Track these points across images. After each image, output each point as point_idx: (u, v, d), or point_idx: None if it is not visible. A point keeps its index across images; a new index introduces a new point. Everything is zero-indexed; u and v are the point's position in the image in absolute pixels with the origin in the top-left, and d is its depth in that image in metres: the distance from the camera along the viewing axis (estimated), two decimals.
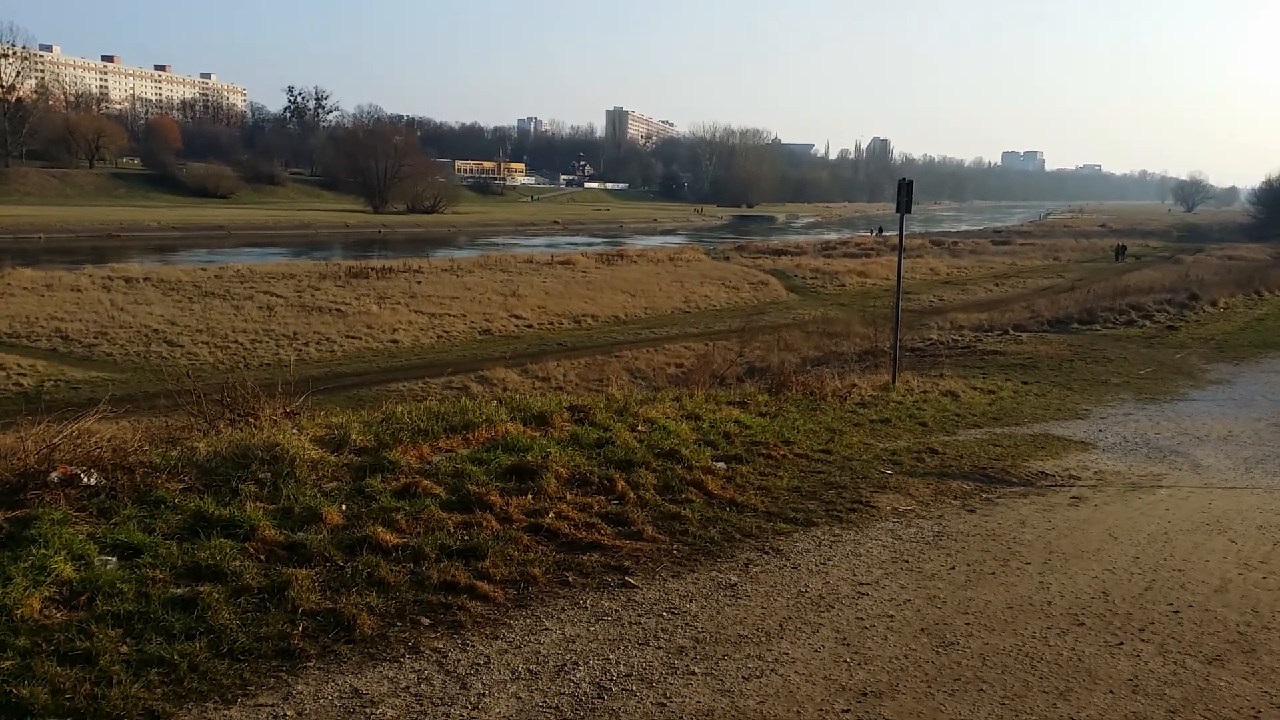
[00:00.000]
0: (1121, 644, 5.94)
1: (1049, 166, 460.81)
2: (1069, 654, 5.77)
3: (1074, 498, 9.51)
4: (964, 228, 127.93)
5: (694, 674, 5.26)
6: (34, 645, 4.76)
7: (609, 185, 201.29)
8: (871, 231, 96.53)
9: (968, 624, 6.13)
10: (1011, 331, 26.97)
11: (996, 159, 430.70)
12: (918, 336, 27.44)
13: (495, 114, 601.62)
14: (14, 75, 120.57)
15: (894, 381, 15.74)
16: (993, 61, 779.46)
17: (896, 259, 17.46)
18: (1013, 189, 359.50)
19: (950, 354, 22.84)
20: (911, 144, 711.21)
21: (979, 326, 30.48)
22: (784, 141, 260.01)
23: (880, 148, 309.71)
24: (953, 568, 7.17)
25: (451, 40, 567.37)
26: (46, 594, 5.19)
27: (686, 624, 5.87)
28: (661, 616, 5.95)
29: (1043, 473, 10.56)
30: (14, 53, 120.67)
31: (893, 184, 17.56)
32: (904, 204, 16.05)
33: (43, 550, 5.52)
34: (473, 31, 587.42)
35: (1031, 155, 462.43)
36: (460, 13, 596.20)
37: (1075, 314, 30.10)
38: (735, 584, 6.55)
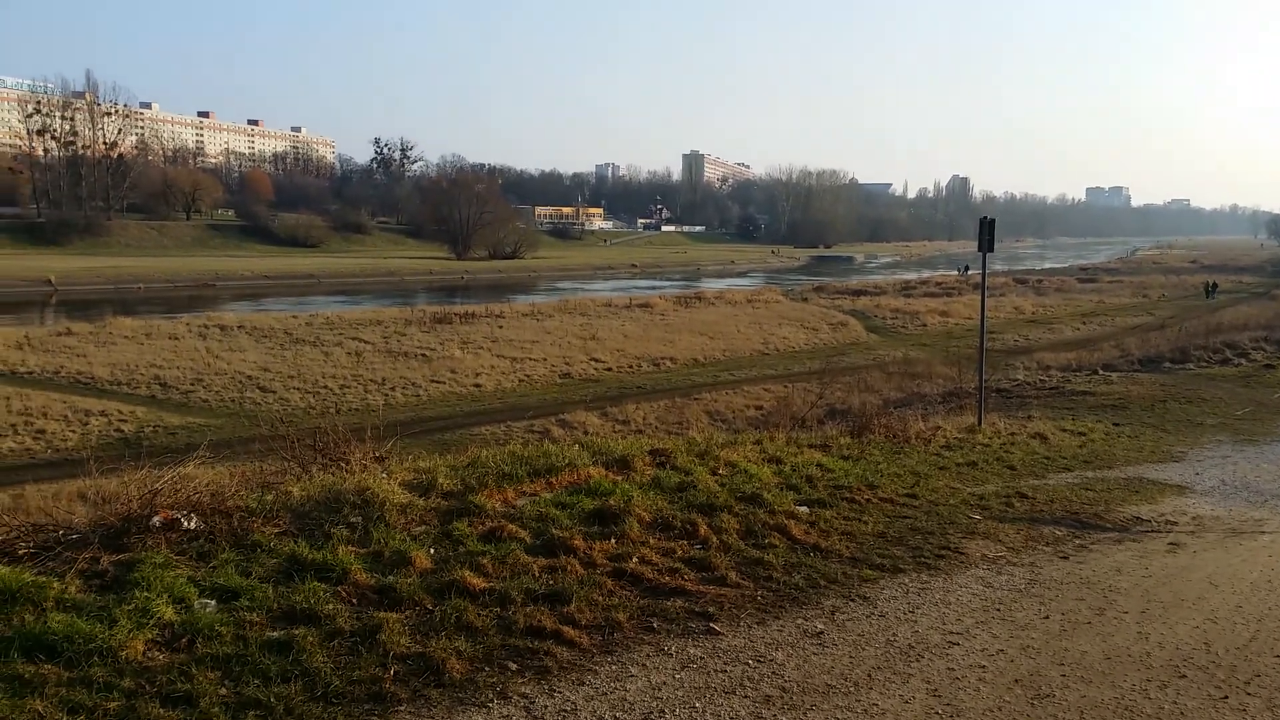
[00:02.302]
0: (1226, 697, 5.72)
1: (1135, 202, 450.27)
2: (1171, 707, 5.57)
3: (1171, 544, 9.20)
4: (1048, 265, 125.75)
5: None
6: (138, 687, 4.90)
7: (685, 228, 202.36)
8: (958, 270, 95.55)
9: (1063, 675, 5.96)
10: (1101, 371, 26.34)
11: (1080, 195, 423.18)
12: (1003, 377, 26.96)
13: (574, 160, 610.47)
14: (116, 132, 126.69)
15: (980, 423, 15.46)
16: (1074, 95, 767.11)
17: (980, 298, 17.22)
18: (1098, 225, 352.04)
19: (1038, 395, 22.37)
20: (992, 181, 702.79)
21: (1067, 366, 29.84)
22: (861, 181, 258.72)
23: (960, 185, 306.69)
24: (1046, 617, 6.99)
25: (532, 89, 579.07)
26: (149, 636, 5.33)
27: (773, 672, 5.81)
28: (747, 664, 5.90)
29: (1138, 518, 10.25)
30: (116, 111, 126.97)
31: (973, 222, 17.36)
32: (986, 242, 15.86)
33: (145, 593, 5.68)
34: (552, 80, 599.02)
35: (1117, 191, 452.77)
36: (540, 63, 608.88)
37: (1167, 353, 29.32)
38: (822, 632, 6.47)
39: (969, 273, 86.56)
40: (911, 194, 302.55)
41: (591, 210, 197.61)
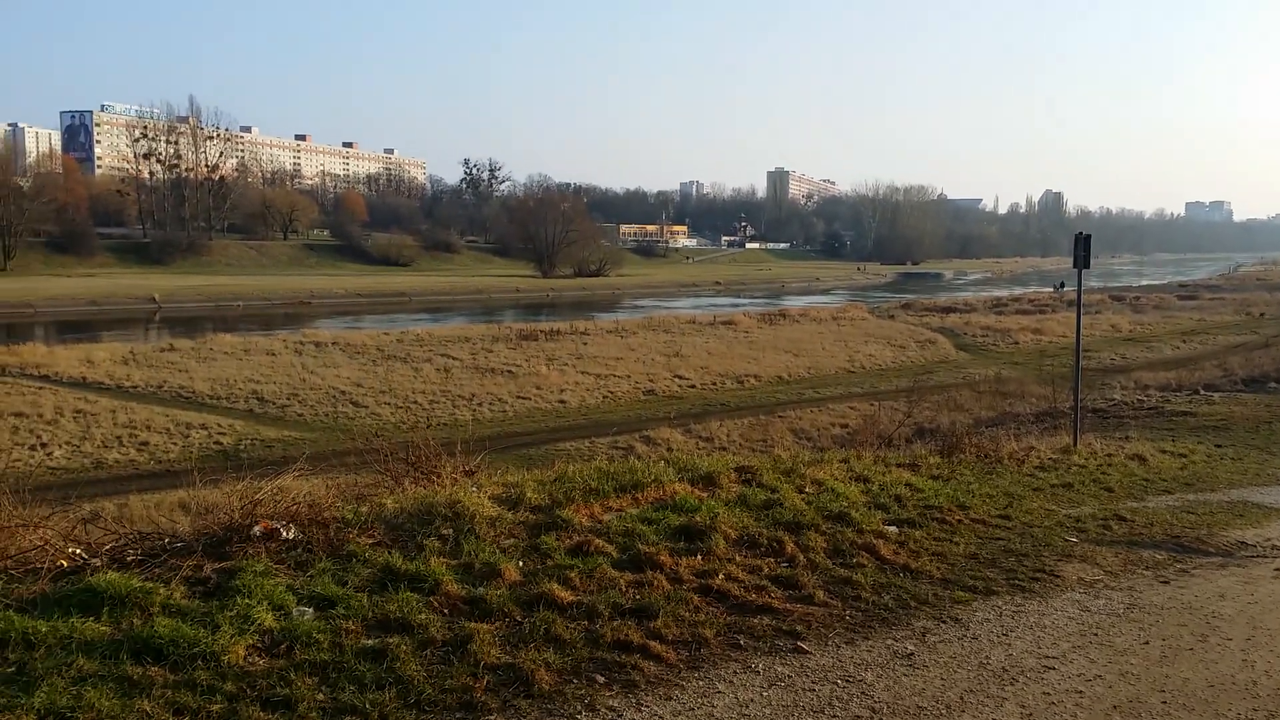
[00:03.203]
0: None
1: (1237, 216, 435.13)
2: None
3: (1278, 569, 8.85)
4: (1146, 282, 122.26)
5: None
6: (239, 690, 5.07)
7: (770, 245, 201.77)
8: (1052, 287, 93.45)
9: (1164, 703, 5.77)
10: (1202, 391, 25.50)
11: (1179, 210, 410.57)
12: (1099, 396, 26.26)
13: (658, 178, 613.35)
14: (217, 155, 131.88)
15: (1075, 444, 15.07)
16: (1172, 106, 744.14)
17: (1075, 315, 16.81)
18: (1198, 241, 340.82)
19: (1135, 415, 21.73)
20: (1086, 196, 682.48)
21: (1166, 386, 28.95)
22: (950, 197, 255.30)
23: (1053, 200, 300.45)
24: (1146, 642, 6.78)
25: (617, 109, 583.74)
26: (250, 642, 5.50)
27: (862, 693, 5.74)
28: (836, 684, 5.84)
29: (1242, 542, 9.87)
30: (218, 135, 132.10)
31: (1066, 238, 17.02)
32: (1082, 258, 15.51)
33: (246, 600, 5.87)
34: (637, 100, 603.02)
35: (1218, 205, 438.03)
36: (626, 84, 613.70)
37: (1272, 372, 28.27)
38: (912, 653, 6.37)
39: (1063, 289, 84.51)
40: (1003, 209, 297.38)
41: (675, 228, 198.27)
